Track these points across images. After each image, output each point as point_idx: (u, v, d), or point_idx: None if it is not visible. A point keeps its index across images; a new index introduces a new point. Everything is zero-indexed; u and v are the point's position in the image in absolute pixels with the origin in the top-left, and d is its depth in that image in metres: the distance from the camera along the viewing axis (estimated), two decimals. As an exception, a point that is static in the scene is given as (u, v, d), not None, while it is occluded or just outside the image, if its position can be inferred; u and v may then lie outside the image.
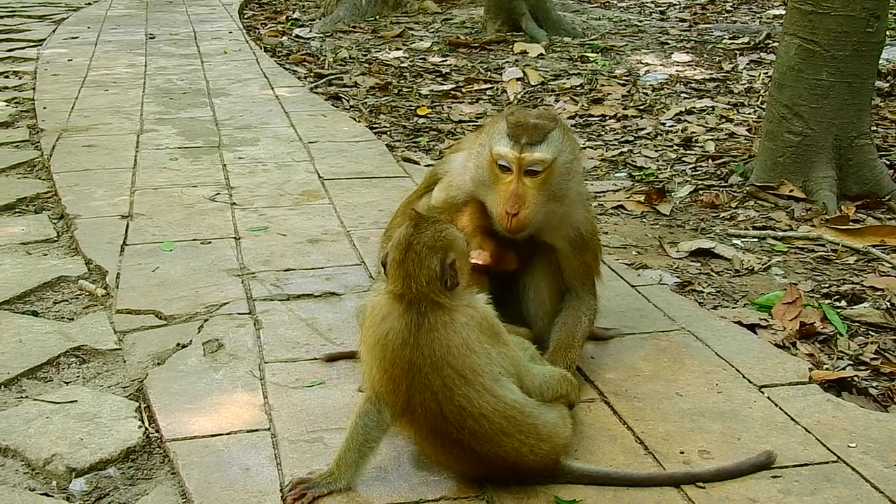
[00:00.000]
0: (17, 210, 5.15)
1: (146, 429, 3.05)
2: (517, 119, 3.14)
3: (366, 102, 7.89)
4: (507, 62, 9.44)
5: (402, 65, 9.39)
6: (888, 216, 5.22)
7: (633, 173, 6.08)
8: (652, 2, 13.63)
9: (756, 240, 4.92)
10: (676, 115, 7.45)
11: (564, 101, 7.89)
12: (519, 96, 8.11)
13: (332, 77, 8.72)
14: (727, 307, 4.09)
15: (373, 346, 2.60)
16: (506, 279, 3.31)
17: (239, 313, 3.82)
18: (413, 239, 2.57)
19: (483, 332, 2.57)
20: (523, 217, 3.08)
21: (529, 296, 3.33)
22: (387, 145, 6.45)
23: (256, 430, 2.98)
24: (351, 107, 7.76)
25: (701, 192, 5.65)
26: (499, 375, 2.59)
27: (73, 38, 10.45)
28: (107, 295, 4.06)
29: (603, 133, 7.09)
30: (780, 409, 3.13)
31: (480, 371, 2.54)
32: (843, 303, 4.11)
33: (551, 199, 3.13)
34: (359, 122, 7.13)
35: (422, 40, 10.55)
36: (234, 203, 5.15)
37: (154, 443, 2.99)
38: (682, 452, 2.88)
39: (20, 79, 8.41)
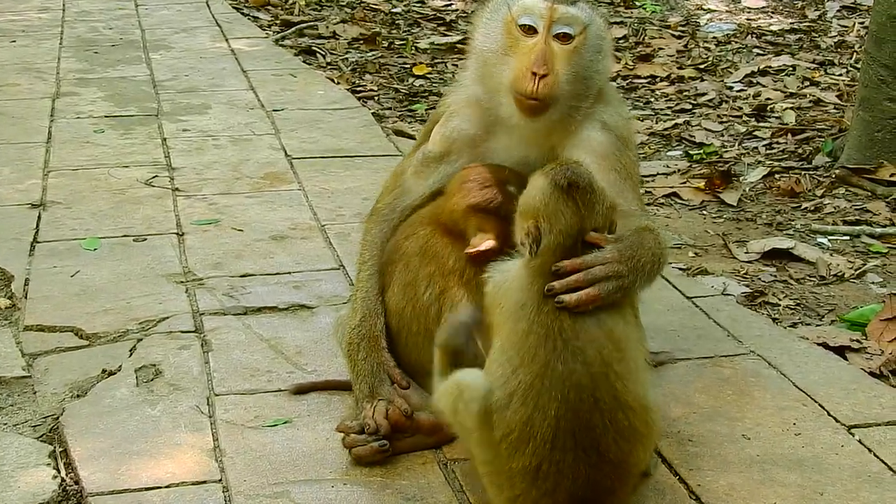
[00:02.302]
0: None
1: (63, 479, 3.06)
2: None
3: (347, 59, 7.92)
4: (528, 7, 9.44)
5: (394, 10, 9.41)
6: None
7: (691, 151, 6.10)
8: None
9: (847, 238, 4.94)
10: (747, 76, 7.47)
11: (602, 58, 7.89)
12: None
13: (305, 26, 8.74)
14: (809, 325, 4.11)
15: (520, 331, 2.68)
16: None
17: (182, 331, 3.84)
18: (585, 222, 2.72)
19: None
20: (551, 82, 3.08)
21: None
22: (373, 114, 6.48)
23: (204, 483, 2.99)
24: (328, 64, 7.79)
25: (777, 176, 5.67)
26: (642, 361, 2.76)
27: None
28: (12, 307, 4.08)
29: (652, 99, 7.11)
30: (875, 455, 3.14)
31: (631, 347, 2.72)
32: (959, 320, 4.13)
33: (580, 81, 3.16)
34: (338, 83, 7.16)
35: (419, -22, 10.58)
36: (177, 189, 5.18)
37: (73, 497, 2.99)
38: (748, 512, 2.90)
39: None
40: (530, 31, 3.13)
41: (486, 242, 3.17)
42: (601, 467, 2.64)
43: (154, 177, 5.32)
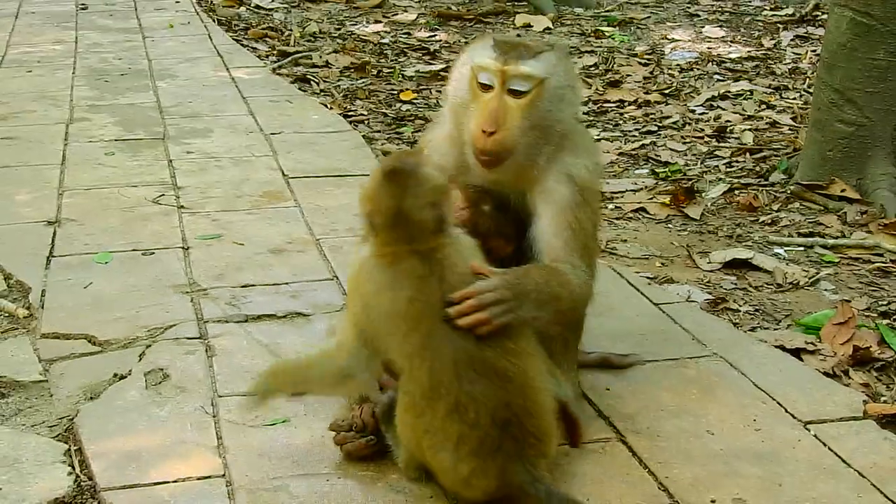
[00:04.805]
0: (-78, 215, 5.16)
1: (77, 476, 3.06)
2: (506, 36, 3.25)
3: (339, 86, 7.92)
4: (507, 37, 9.47)
5: (383, 41, 9.42)
6: (958, 220, 5.26)
7: (657, 170, 6.12)
8: (679, -35, 13.72)
9: (802, 249, 4.96)
10: (708, 100, 7.50)
11: (575, 84, 7.91)
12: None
13: (300, 55, 8.74)
14: (767, 329, 4.13)
15: (392, 315, 2.79)
16: None
17: (187, 338, 3.84)
18: (402, 203, 2.79)
19: (477, 254, 2.91)
20: (501, 139, 3.07)
21: None
22: (364, 137, 6.49)
23: (209, 478, 2.99)
24: (321, 91, 7.80)
25: (737, 192, 5.69)
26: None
27: (-11, 8, 10.48)
28: (30, 316, 4.07)
29: (621, 122, 7.13)
30: (830, 449, 3.16)
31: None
32: (905, 323, 4.16)
33: (536, 131, 3.13)
34: (331, 109, 7.16)
35: (406, 11, 10.60)
36: (182, 206, 5.18)
37: (87, 492, 2.99)
38: (713, 501, 2.90)
39: (-74, 58, 8.43)
40: (487, 87, 3.13)
41: None
42: (507, 388, 2.75)
43: (161, 195, 5.31)
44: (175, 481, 2.97)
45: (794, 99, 7.52)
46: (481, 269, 2.88)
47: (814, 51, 8.66)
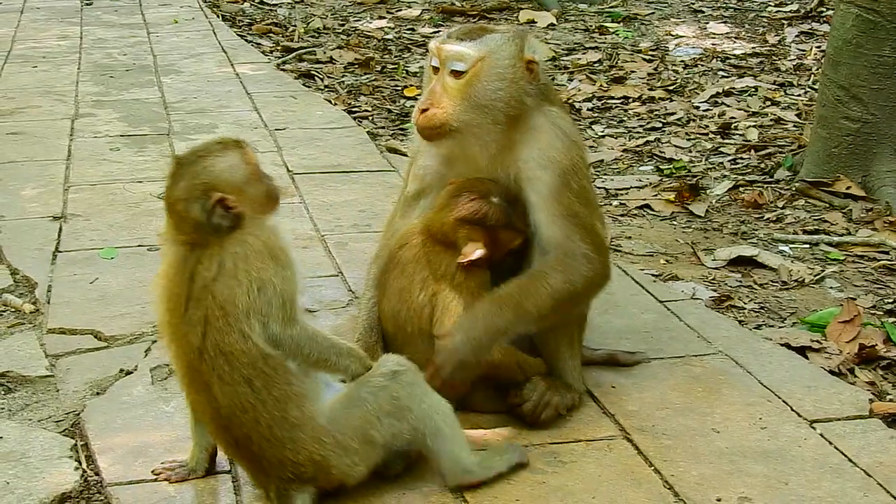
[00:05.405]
0: (-72, 210, 5.17)
1: (84, 471, 3.06)
2: (473, 25, 3.33)
3: (343, 81, 7.92)
4: (511, 33, 9.46)
5: (387, 36, 9.42)
6: (963, 218, 5.26)
7: (662, 166, 6.11)
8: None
9: (807, 246, 4.96)
10: (712, 96, 7.49)
11: (580, 80, 7.93)
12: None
13: (304, 51, 8.74)
14: (772, 326, 4.12)
15: (154, 288, 2.83)
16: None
17: (193, 334, 3.83)
18: (168, 193, 2.76)
19: (258, 261, 2.70)
20: (432, 115, 3.16)
21: None
22: (368, 133, 6.48)
23: (216, 474, 2.99)
24: (326, 87, 7.79)
25: (741, 188, 5.69)
26: (259, 313, 2.69)
27: (-7, 3, 10.48)
28: (36, 311, 4.07)
29: (625, 118, 7.12)
30: (836, 447, 3.15)
31: (239, 304, 2.67)
32: (910, 321, 4.15)
33: (478, 110, 3.17)
34: (335, 104, 7.15)
35: (409, 7, 10.59)
36: (188, 202, 5.16)
37: (94, 488, 2.99)
38: (718, 500, 2.90)
39: (-69, 52, 8.43)
40: (435, 69, 3.23)
41: (477, 251, 3.19)
42: (221, 412, 2.71)
43: (166, 191, 5.30)
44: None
45: (799, 95, 7.51)
46: (440, 332, 3.07)
47: (818, 47, 8.64)
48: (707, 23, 9.90)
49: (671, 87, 7.77)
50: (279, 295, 2.70)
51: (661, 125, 6.94)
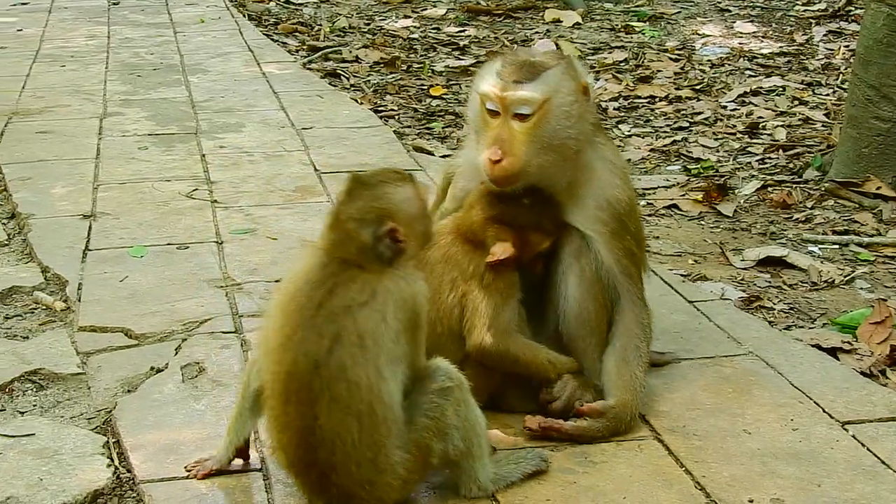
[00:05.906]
0: (-41, 208, 5.21)
1: (116, 468, 3.08)
2: (513, 56, 3.23)
3: (369, 81, 7.93)
4: (536, 33, 9.46)
5: (412, 35, 9.42)
6: None
7: (689, 166, 6.09)
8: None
9: (836, 247, 4.93)
10: (740, 96, 7.46)
11: (606, 80, 7.91)
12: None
13: (330, 50, 8.76)
14: (803, 327, 4.10)
15: (279, 288, 2.76)
16: (539, 285, 3.34)
17: (223, 332, 3.85)
18: (340, 209, 2.73)
19: (402, 309, 2.69)
20: (508, 165, 3.11)
21: (562, 301, 3.31)
22: (395, 132, 6.49)
23: (247, 472, 3.00)
24: (352, 86, 7.81)
25: (770, 188, 5.66)
26: (395, 362, 2.67)
27: (22, 3, 10.53)
28: (67, 309, 4.10)
29: (652, 118, 7.10)
30: (868, 449, 3.13)
31: (380, 343, 2.63)
32: (942, 322, 4.12)
33: (549, 151, 3.15)
34: (361, 104, 7.16)
35: (435, 6, 10.59)
36: (216, 201, 5.19)
37: (126, 485, 3.01)
38: (750, 501, 2.89)
39: (-39, 52, 8.49)
40: (494, 113, 3.17)
41: (505, 251, 3.18)
42: (315, 431, 2.64)
43: (194, 190, 5.33)
44: (213, 475, 2.97)
45: (828, 95, 7.46)
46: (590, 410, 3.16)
47: (847, 46, 8.60)
48: (734, 22, 9.85)
49: (698, 87, 7.74)
50: (414, 355, 2.76)
51: (688, 125, 6.92)
